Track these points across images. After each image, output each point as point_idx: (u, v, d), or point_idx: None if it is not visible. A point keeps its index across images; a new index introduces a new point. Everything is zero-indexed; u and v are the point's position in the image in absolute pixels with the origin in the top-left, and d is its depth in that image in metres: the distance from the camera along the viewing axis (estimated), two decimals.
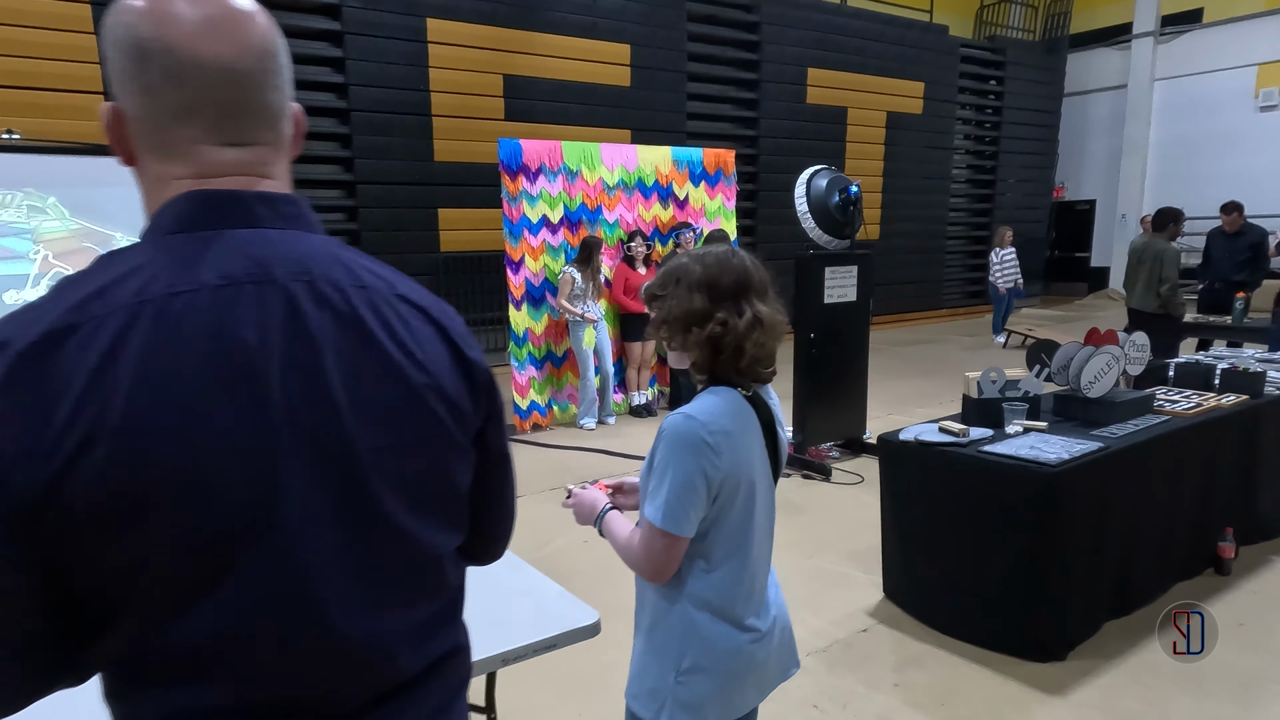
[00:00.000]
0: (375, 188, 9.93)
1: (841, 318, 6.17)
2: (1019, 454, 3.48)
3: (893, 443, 3.87)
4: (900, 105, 14.60)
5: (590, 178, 7.72)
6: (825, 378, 6.15)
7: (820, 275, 6.01)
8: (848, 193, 5.97)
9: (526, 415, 7.63)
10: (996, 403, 3.92)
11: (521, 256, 7.45)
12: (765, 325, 1.70)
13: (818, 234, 6.08)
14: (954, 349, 11.84)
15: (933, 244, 15.68)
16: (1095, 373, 3.97)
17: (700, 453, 1.65)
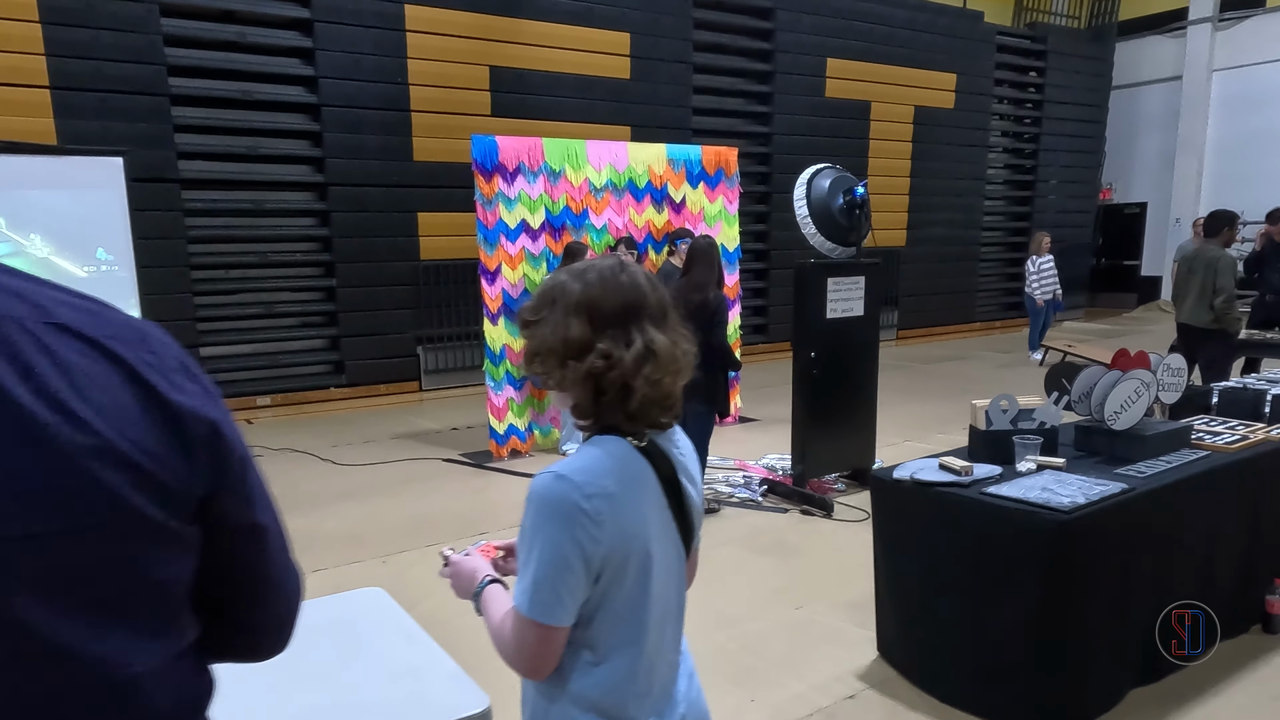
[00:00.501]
0: (348, 190, 9.83)
1: (847, 334, 5.97)
2: (1027, 496, 3.25)
3: (885, 481, 3.65)
4: (930, 99, 14.40)
5: (575, 178, 7.56)
6: (828, 401, 5.94)
7: (822, 287, 5.81)
8: (853, 194, 5.77)
9: (504, 440, 7.45)
10: (1006, 436, 3.69)
11: (498, 265, 7.29)
12: (660, 358, 1.49)
13: (819, 241, 5.88)
14: (987, 367, 11.59)
15: (965, 251, 15.46)
16: (1121, 401, 3.73)
17: (574, 523, 1.44)
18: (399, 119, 9.97)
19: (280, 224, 9.79)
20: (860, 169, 13.59)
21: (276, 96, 9.45)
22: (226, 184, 9.38)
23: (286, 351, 9.93)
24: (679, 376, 1.56)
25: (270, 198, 9.65)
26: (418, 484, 6.78)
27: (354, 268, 9.96)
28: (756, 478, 6.39)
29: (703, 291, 5.55)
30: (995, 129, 15.79)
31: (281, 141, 9.60)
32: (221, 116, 9.21)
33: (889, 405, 8.70)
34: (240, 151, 9.35)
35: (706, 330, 5.49)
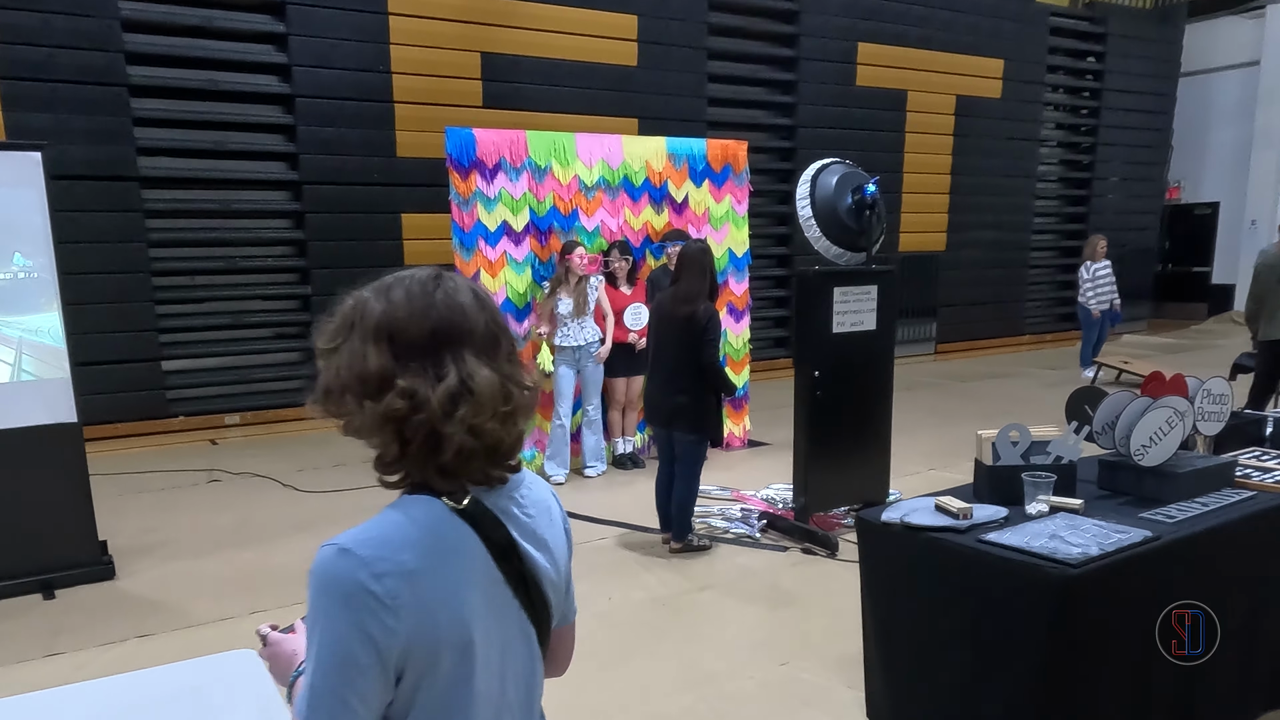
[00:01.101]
0: (326, 189, 9.77)
1: (856, 350, 5.78)
2: (1030, 545, 3.03)
3: (872, 524, 3.44)
4: (974, 88, 14.16)
5: (563, 175, 7.42)
6: (835, 425, 5.76)
7: (828, 297, 5.63)
8: (863, 193, 5.57)
9: None
10: (1014, 472, 3.46)
11: (476, 272, 7.15)
12: (480, 397, 1.30)
13: (824, 245, 5.70)
14: (1033, 385, 11.32)
15: (1013, 256, 15.21)
16: (1150, 433, 3.49)
17: (360, 609, 1.25)
18: (381, 111, 9.88)
19: (251, 226, 9.74)
20: (894, 165, 13.41)
21: (246, 86, 9.40)
22: (191, 182, 9.34)
23: (257, 366, 9.86)
24: (512, 421, 1.36)
25: (239, 197, 9.60)
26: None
27: (331, 274, 9.82)
28: (756, 511, 6.18)
29: (692, 304, 5.37)
30: (1048, 121, 15.50)
31: (252, 136, 9.55)
32: (185, 108, 9.16)
33: (917, 428, 8.66)
34: (206, 147, 9.31)
35: (695, 348, 5.32)
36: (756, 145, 12.05)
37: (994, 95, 14.42)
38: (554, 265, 7.46)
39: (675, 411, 5.50)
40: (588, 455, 7.53)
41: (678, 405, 5.46)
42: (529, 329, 7.37)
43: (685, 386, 5.41)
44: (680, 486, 5.60)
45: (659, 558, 5.67)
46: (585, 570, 5.44)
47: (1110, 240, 12.29)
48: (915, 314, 14.01)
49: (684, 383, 5.41)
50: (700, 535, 5.83)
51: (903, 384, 11.56)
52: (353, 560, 1.26)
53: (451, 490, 1.35)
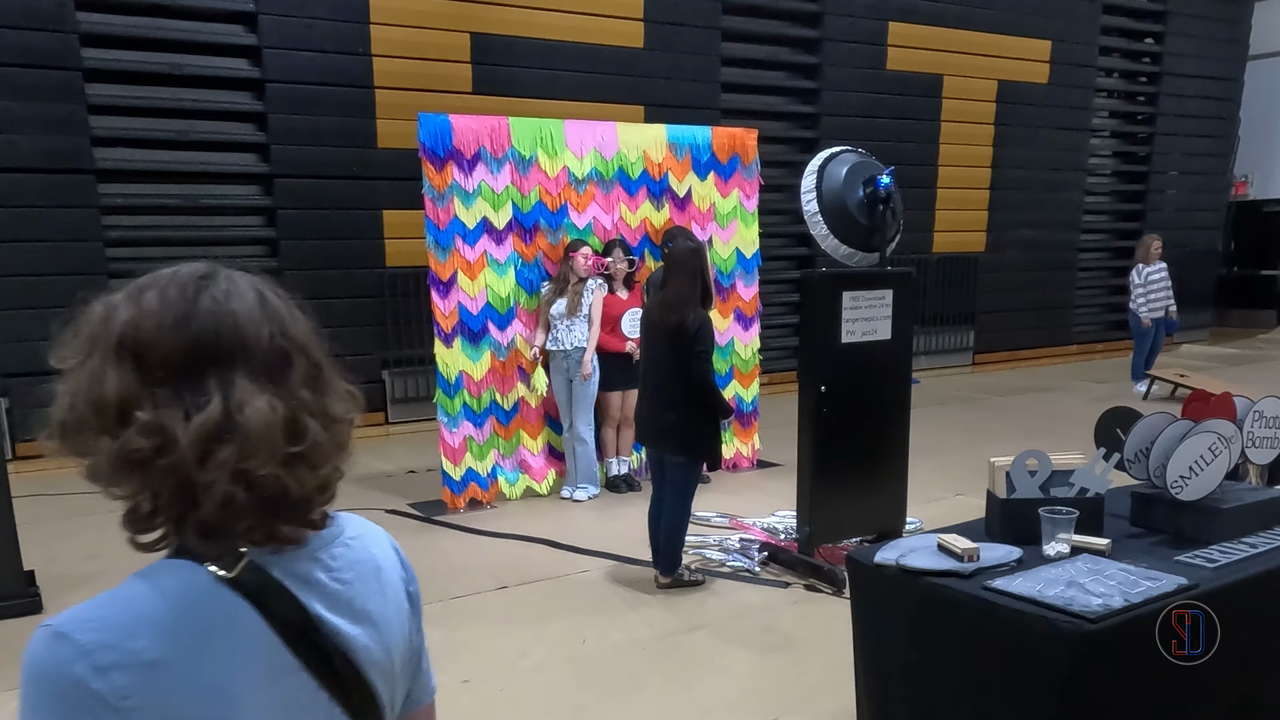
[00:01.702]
0: (299, 183, 9.70)
1: (869, 363, 5.59)
2: (1044, 595, 2.80)
3: (864, 566, 3.22)
4: (1017, 72, 13.96)
5: (550, 166, 7.25)
6: (844, 447, 5.57)
7: (835, 304, 5.43)
8: (876, 185, 5.36)
9: (460, 488, 7.13)
10: (1031, 507, 3.23)
11: (453, 274, 7.00)
12: (252, 434, 1.09)
13: (832, 245, 5.49)
14: (1079, 400, 11.07)
15: (1060, 258, 15.02)
16: (1189, 462, 3.25)
17: (76, 710, 1.03)
18: (360, 97, 9.80)
19: (218, 223, 9.68)
20: (929, 158, 13.26)
21: (212, 70, 9.33)
22: (153, 176, 9.28)
23: None
24: (306, 465, 1.15)
25: (206, 192, 9.54)
26: None
27: (306, 276, 9.67)
28: (756, 542, 5.96)
29: (680, 311, 5.18)
30: (1100, 108, 15.30)
31: (219, 124, 9.49)
32: (146, 94, 9.10)
33: (945, 448, 8.50)
34: (169, 137, 9.25)
35: (685, 360, 5.12)
36: (775, 135, 12.05)
37: (1040, 80, 14.21)
38: (540, 266, 7.30)
39: (664, 430, 5.31)
40: (578, 476, 7.34)
41: (666, 423, 5.28)
42: (535, 347, 7.29)
43: (675, 402, 5.22)
44: (669, 514, 5.40)
45: (647, 594, 5.47)
46: (562, 608, 5.28)
47: (1168, 240, 12.06)
48: (951, 321, 13.87)
49: (674, 398, 5.22)
50: (693, 569, 5.62)
51: (933, 399, 11.65)
52: (69, 649, 1.04)
53: (219, 554, 1.13)
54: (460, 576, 5.78)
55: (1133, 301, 11.35)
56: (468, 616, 5.21)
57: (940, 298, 13.57)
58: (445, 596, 5.46)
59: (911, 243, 13.08)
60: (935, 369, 13.52)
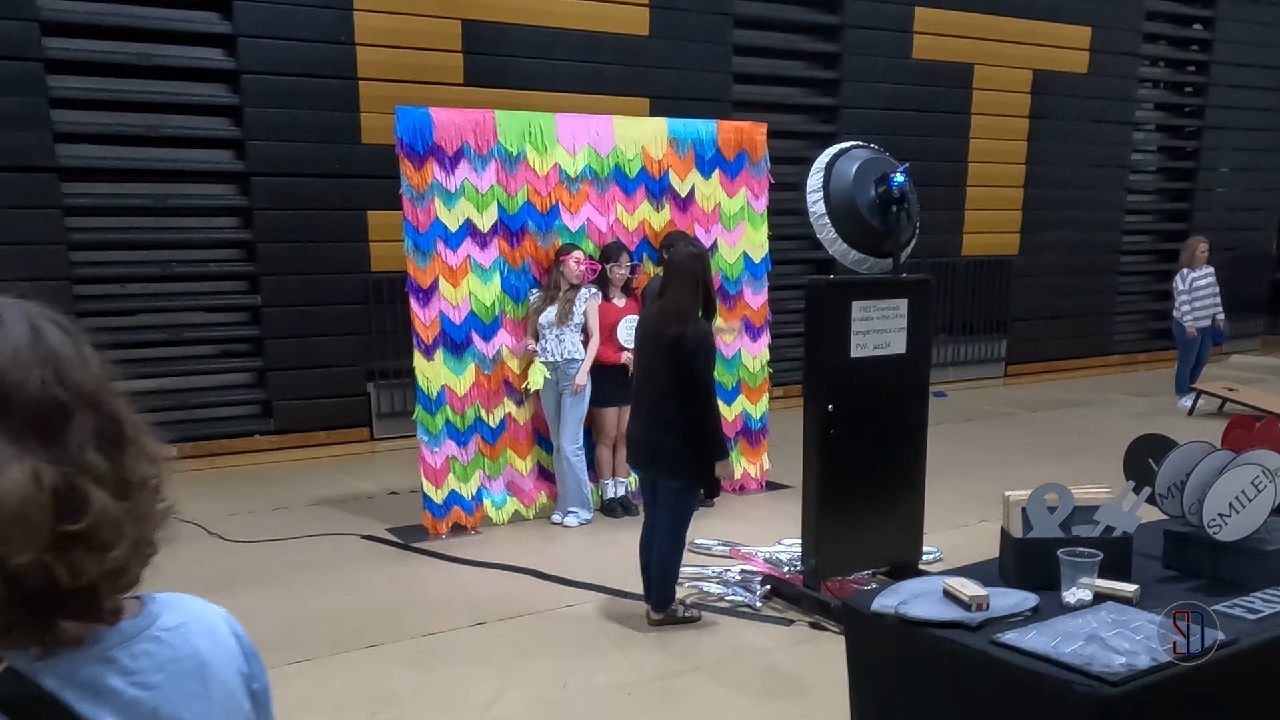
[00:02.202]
0: (278, 181, 9.58)
1: (881, 380, 5.43)
2: (1060, 652, 2.63)
3: (860, 613, 3.04)
4: (1054, 60, 13.77)
5: (540, 164, 7.13)
6: (854, 471, 5.42)
7: (844, 314, 5.27)
8: (889, 185, 5.20)
9: (443, 512, 7.01)
10: (1049, 548, 3.05)
11: (434, 281, 6.89)
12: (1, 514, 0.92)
13: (841, 250, 5.34)
14: (1119, 415, 10.91)
15: (1100, 261, 14.82)
16: (1229, 499, 3.07)
17: None
18: (343, 90, 9.70)
19: (190, 225, 9.59)
20: (958, 153, 13.14)
21: (184, 61, 9.23)
22: (120, 174, 9.20)
23: (198, 389, 9.69)
24: (84, 546, 0.98)
25: (177, 191, 9.44)
26: (316, 570, 6.41)
27: (285, 282, 9.70)
28: (759, 574, 5.79)
29: (681, 323, 5.03)
30: (1144, 100, 15.14)
31: (191, 119, 9.40)
32: (112, 87, 9.01)
33: (972, 468, 8.45)
34: (137, 132, 9.15)
35: (684, 376, 4.97)
36: (792, 130, 11.98)
37: (1078, 69, 14.03)
38: (528, 272, 7.17)
39: (657, 451, 5.17)
40: (568, 500, 7.19)
41: (660, 444, 5.14)
42: (524, 348, 7.15)
43: (670, 421, 5.07)
44: (661, 544, 5.25)
45: (637, 631, 5.33)
46: (543, 647, 5.15)
47: (1218, 243, 11.88)
48: (981, 330, 13.70)
49: (669, 416, 5.08)
50: (688, 604, 5.47)
51: (959, 413, 11.51)
52: None
53: None
54: (435, 610, 5.65)
55: (1177, 309, 11.18)
56: (440, 655, 5.07)
57: (969, 304, 13.41)
58: (417, 633, 5.32)
59: (939, 245, 12.98)
60: (963, 381, 13.38)
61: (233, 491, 8.38)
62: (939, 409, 11.49)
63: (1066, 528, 3.19)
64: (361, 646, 5.17)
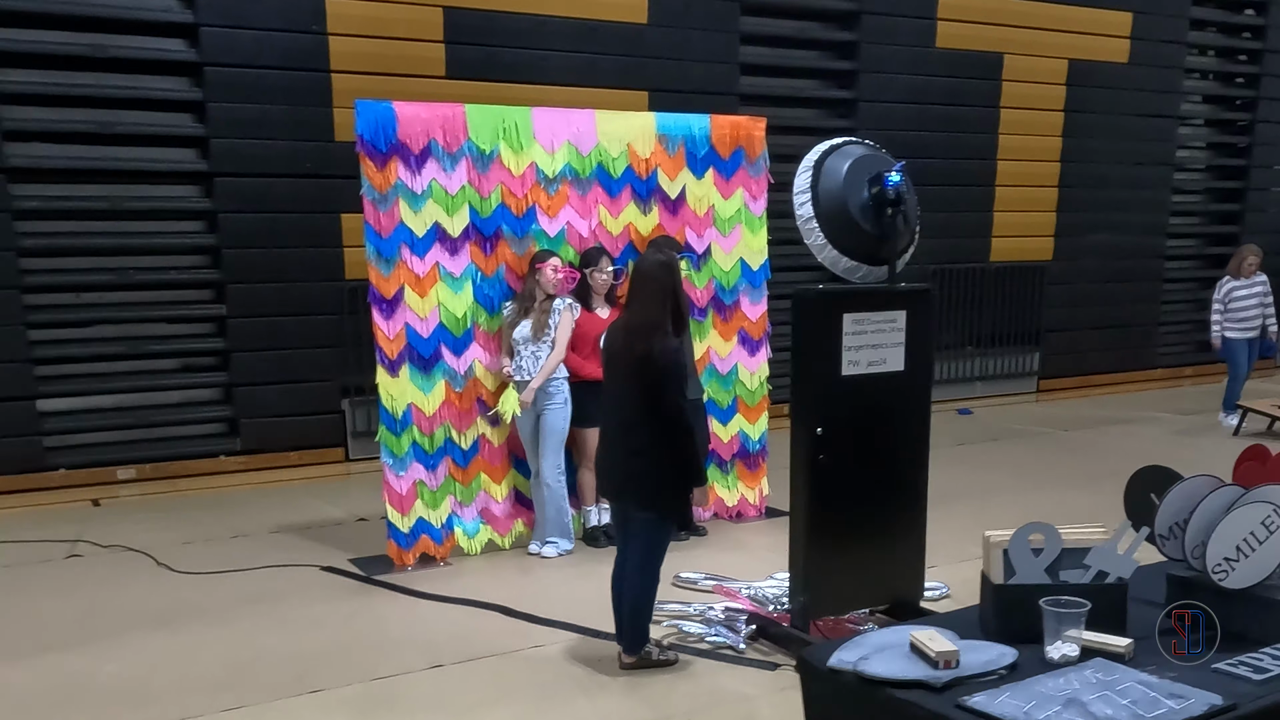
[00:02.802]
0: (244, 182, 9.51)
1: (877, 400, 5.27)
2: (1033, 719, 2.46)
3: (816, 670, 2.89)
4: (1092, 49, 13.59)
5: (515, 163, 7.03)
6: (847, 500, 5.26)
7: (835, 327, 5.12)
8: (884, 184, 5.05)
9: (409, 542, 6.91)
10: (1031, 595, 2.89)
11: (399, 290, 6.80)
12: None
13: (831, 257, 5.21)
14: (1160, 434, 10.85)
15: (1143, 267, 14.65)
16: (1235, 542, 2.92)
17: None
18: (315, 83, 9.62)
19: (149, 229, 9.52)
20: (986, 150, 13.07)
21: (141, 52, 9.17)
22: (73, 175, 9.15)
23: (159, 405, 9.64)
24: None
25: (135, 193, 9.37)
26: (268, 605, 6.32)
27: (253, 290, 9.62)
28: (744, 613, 5.64)
29: (647, 339, 4.90)
30: (1191, 92, 14.95)
31: (149, 115, 9.33)
32: (65, 81, 8.95)
33: (992, 492, 8.35)
34: (92, 130, 9.09)
35: (654, 397, 4.85)
36: (805, 125, 11.85)
37: (1119, 59, 13.86)
38: (502, 280, 7.07)
39: (627, 480, 5.05)
40: (546, 528, 7.07)
41: (630, 472, 5.02)
42: (499, 366, 7.08)
43: (639, 446, 4.95)
44: (633, 581, 5.12)
45: (607, 676, 5.20)
46: (503, 693, 5.03)
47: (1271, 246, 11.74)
48: (1011, 341, 13.56)
49: (638, 441, 4.96)
50: (664, 645, 5.33)
51: (985, 432, 11.40)
52: None
53: None
54: (390, 651, 5.53)
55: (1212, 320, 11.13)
56: (388, 702, 4.96)
57: (999, 314, 13.28)
58: (366, 677, 5.21)
59: (966, 250, 12.94)
60: (992, 397, 13.24)
61: (191, 517, 8.36)
62: (962, 428, 11.47)
63: (1054, 572, 3.05)
64: (304, 692, 5.05)
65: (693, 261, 7.51)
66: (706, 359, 7.71)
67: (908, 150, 12.27)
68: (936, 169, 12.38)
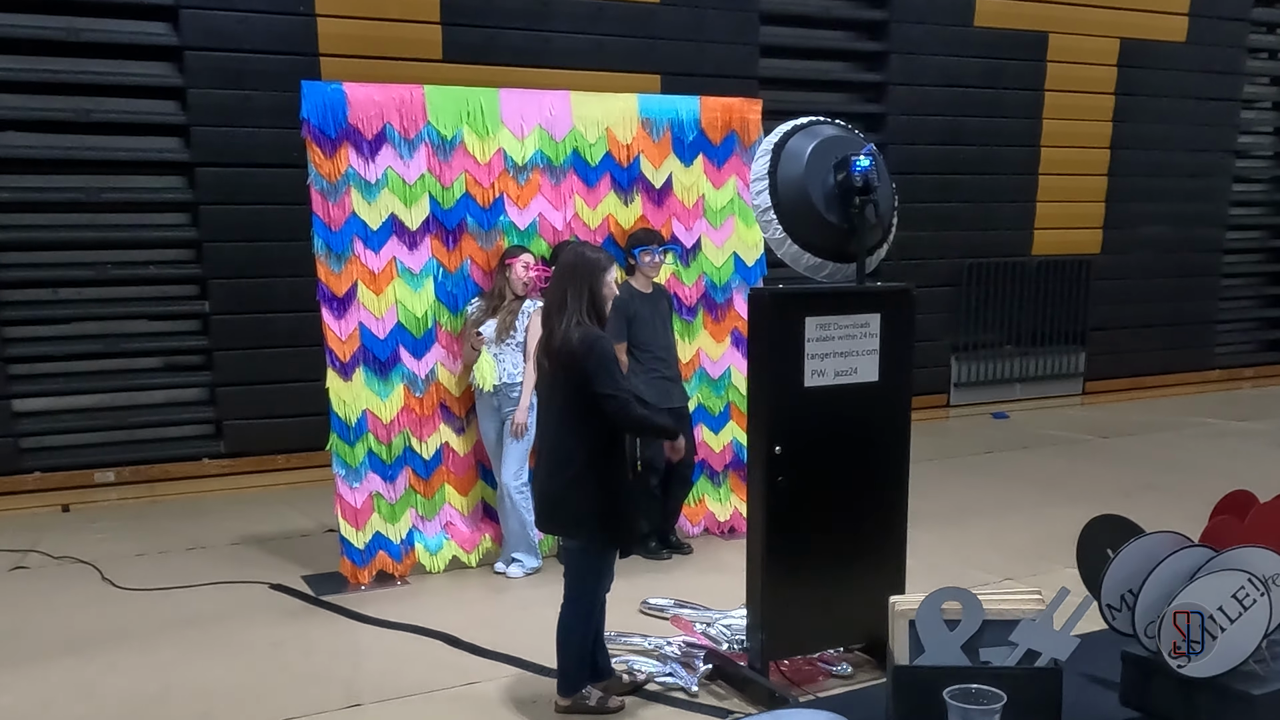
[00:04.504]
0: (228, 172, 9.19)
1: (846, 414, 4.76)
2: None
3: None
4: (1146, 27, 13.04)
5: (481, 149, 6.64)
6: (810, 528, 4.75)
7: (796, 332, 4.59)
8: (851, 169, 4.48)
9: (365, 559, 6.53)
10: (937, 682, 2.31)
11: (351, 287, 6.40)
12: None
13: (792, 253, 4.67)
14: (1208, 442, 10.51)
15: (1201, 261, 14.07)
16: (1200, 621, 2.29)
17: None
18: (302, 67, 9.11)
19: (128, 222, 9.23)
20: (1029, 136, 12.61)
21: (119, 36, 8.87)
22: (48, 165, 8.89)
23: (139, 405, 9.35)
24: None
25: (113, 184, 9.10)
26: (197, 629, 5.91)
27: (236, 285, 9.32)
28: (702, 650, 5.12)
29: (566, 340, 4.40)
30: (1255, 73, 14.33)
31: (128, 102, 9.04)
32: (37, 67, 8.68)
33: (1010, 509, 8.00)
34: (66, 118, 8.83)
35: (579, 401, 4.37)
36: (833, 108, 11.23)
37: (1176, 38, 13.28)
38: (467, 277, 6.63)
39: (555, 504, 4.54)
40: (512, 545, 6.61)
41: (551, 495, 4.56)
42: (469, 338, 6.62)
43: (563, 461, 4.48)
44: (564, 616, 4.61)
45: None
46: None
47: None
48: (1055, 340, 13.01)
49: (564, 456, 4.49)
50: (607, 687, 4.77)
51: (1016, 440, 10.84)
52: None
53: None
54: (309, 685, 5.09)
55: None
56: None
57: (1041, 311, 12.74)
58: (276, 717, 4.72)
59: (1005, 243, 12.53)
60: (1033, 400, 12.70)
61: (157, 526, 8.07)
62: (993, 434, 10.92)
63: (974, 650, 2.45)
64: None
65: (679, 256, 7.02)
66: (696, 362, 7.21)
67: (943, 137, 11.91)
68: (972, 156, 12.02)
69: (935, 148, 11.81)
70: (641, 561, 6.83)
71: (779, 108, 10.18)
